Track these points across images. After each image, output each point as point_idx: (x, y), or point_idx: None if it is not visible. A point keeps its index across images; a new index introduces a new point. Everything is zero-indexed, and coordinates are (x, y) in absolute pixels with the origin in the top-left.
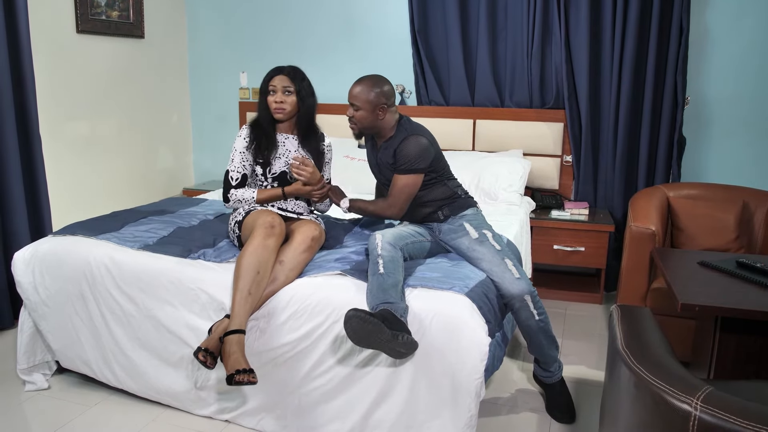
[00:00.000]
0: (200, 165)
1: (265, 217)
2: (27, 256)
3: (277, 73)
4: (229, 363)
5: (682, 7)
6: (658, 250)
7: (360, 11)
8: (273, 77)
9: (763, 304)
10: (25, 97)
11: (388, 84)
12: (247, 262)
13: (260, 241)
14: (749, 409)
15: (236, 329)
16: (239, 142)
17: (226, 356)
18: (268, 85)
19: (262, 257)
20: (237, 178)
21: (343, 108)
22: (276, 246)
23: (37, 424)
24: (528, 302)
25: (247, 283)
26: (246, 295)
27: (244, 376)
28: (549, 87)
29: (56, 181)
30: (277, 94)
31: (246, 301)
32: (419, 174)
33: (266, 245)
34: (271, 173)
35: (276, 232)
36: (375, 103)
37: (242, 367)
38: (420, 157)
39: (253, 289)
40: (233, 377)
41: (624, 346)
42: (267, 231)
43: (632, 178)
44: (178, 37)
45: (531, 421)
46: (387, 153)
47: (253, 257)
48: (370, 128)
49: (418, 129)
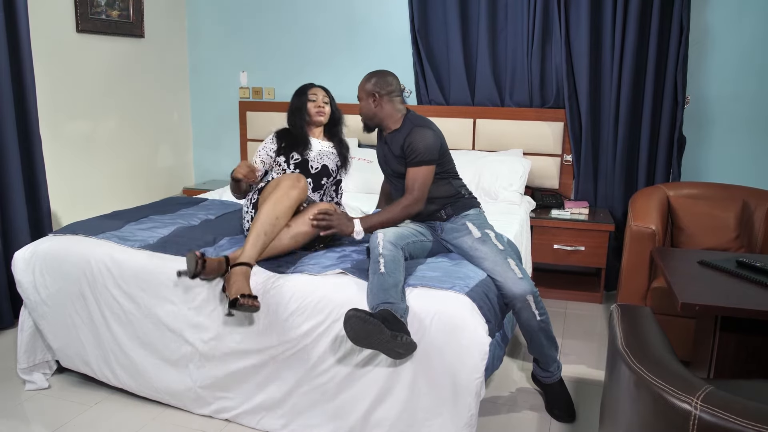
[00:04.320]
0: (200, 164)
1: (293, 174)
2: (27, 255)
3: (313, 85)
4: (233, 289)
5: (682, 6)
6: (658, 250)
7: (360, 11)
8: (310, 88)
9: (763, 303)
10: (25, 96)
11: (387, 75)
12: (268, 208)
13: (285, 191)
14: (749, 409)
15: (244, 262)
16: (262, 146)
17: (230, 284)
18: (307, 95)
19: (285, 205)
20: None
21: (343, 108)
22: (298, 198)
23: (37, 423)
24: (530, 302)
25: (264, 225)
26: (260, 234)
27: (247, 300)
28: (549, 86)
29: (56, 180)
30: (318, 100)
31: (259, 239)
32: (431, 165)
33: (290, 195)
34: (293, 159)
35: (301, 186)
36: (369, 91)
37: (246, 293)
38: (427, 148)
39: (268, 230)
40: (237, 301)
41: (624, 346)
42: (293, 182)
43: (632, 178)
44: (178, 37)
45: (531, 420)
46: (394, 145)
47: (275, 205)
48: (370, 117)
49: (423, 121)
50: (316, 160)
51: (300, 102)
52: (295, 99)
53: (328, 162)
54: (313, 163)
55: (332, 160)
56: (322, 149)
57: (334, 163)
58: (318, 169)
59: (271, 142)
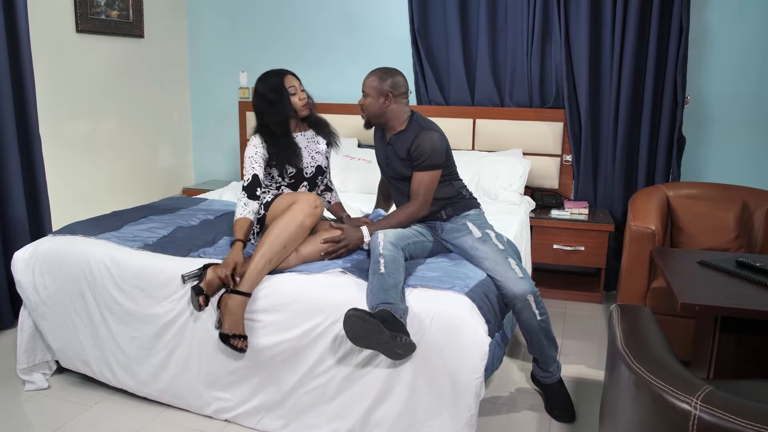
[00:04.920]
0: (200, 164)
1: (309, 195)
2: (27, 255)
3: (285, 74)
4: (227, 322)
5: (682, 6)
6: (657, 250)
7: (360, 11)
8: (285, 78)
9: (763, 303)
10: (25, 96)
11: (399, 75)
12: (279, 234)
13: (301, 219)
14: (749, 409)
15: (245, 291)
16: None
17: (227, 313)
18: (284, 87)
19: (295, 235)
20: (248, 178)
21: (343, 107)
22: (311, 226)
23: (37, 423)
24: (530, 302)
25: (272, 253)
26: (265, 263)
27: (239, 341)
28: (549, 86)
29: (56, 180)
30: (298, 92)
31: (264, 268)
32: (438, 169)
33: (303, 225)
34: (288, 174)
35: (317, 213)
36: (380, 89)
37: (240, 333)
38: (436, 151)
39: (274, 260)
40: (229, 338)
41: (624, 346)
42: (309, 210)
43: (632, 178)
44: (178, 37)
45: (531, 420)
46: (399, 147)
47: (286, 232)
48: (377, 116)
49: (430, 124)
50: (309, 165)
51: (280, 97)
52: (270, 93)
53: (320, 160)
54: (307, 168)
55: (321, 154)
56: (308, 145)
57: (324, 156)
58: (312, 173)
59: (262, 147)
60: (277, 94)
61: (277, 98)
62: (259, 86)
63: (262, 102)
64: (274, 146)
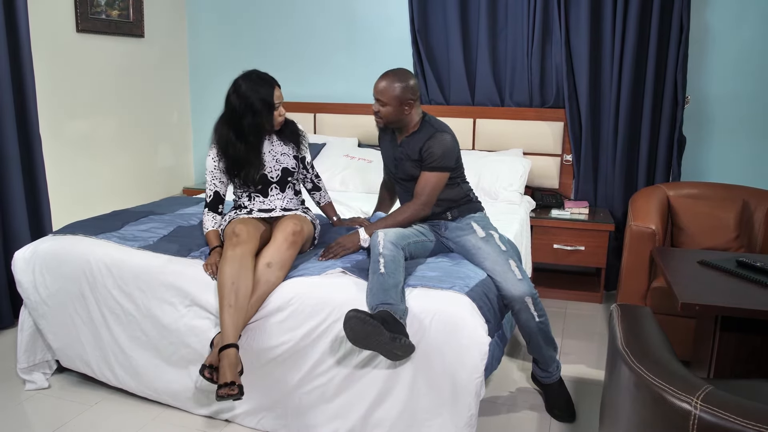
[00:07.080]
0: (200, 164)
1: (230, 228)
2: (27, 255)
3: (274, 85)
4: (220, 373)
5: (682, 6)
6: (658, 250)
7: (360, 11)
8: (274, 90)
9: (763, 303)
10: (25, 96)
11: (413, 78)
12: (221, 277)
13: (229, 253)
14: (749, 408)
15: (227, 344)
16: (212, 165)
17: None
18: (273, 102)
19: (233, 268)
20: (210, 195)
21: (342, 107)
22: (245, 253)
23: (37, 423)
24: (529, 304)
25: (225, 296)
26: (227, 308)
27: (224, 390)
28: (549, 86)
29: (56, 180)
30: (280, 107)
31: (229, 314)
32: (446, 172)
33: (234, 255)
34: (254, 191)
35: (241, 240)
36: (401, 99)
37: (225, 381)
38: (447, 154)
39: (233, 301)
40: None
41: (624, 346)
42: (232, 241)
43: (632, 177)
44: (178, 37)
45: (531, 420)
46: (411, 148)
47: (224, 270)
48: (396, 123)
49: (443, 126)
50: (273, 169)
51: (268, 111)
52: (258, 103)
53: (286, 162)
54: (272, 173)
55: (288, 155)
56: (273, 148)
57: (291, 157)
58: (279, 176)
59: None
60: (265, 107)
61: (263, 110)
62: (246, 89)
63: (244, 107)
64: (230, 160)
